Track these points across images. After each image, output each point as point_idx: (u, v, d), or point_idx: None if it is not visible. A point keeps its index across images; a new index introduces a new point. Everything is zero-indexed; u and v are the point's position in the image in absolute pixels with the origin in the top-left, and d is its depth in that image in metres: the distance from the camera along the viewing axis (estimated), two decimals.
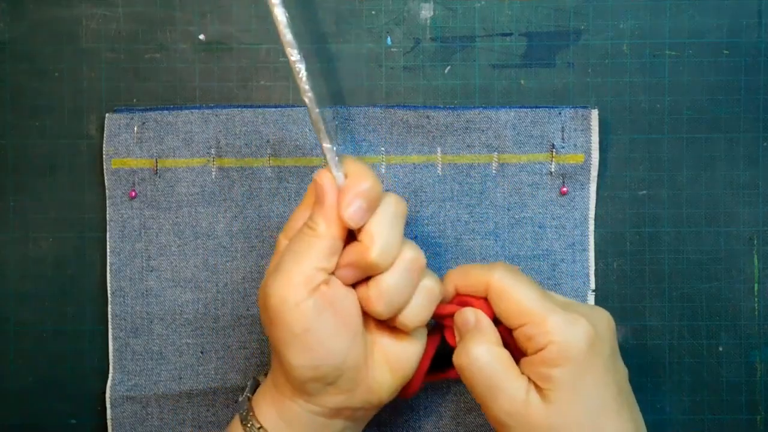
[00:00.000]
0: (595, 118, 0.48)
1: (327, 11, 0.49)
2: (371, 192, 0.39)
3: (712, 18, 0.49)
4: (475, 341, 0.40)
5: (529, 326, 0.39)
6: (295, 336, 0.39)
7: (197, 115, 0.48)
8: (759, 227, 0.49)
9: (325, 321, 0.39)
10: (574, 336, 0.38)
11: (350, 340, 0.40)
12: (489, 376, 0.39)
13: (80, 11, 0.49)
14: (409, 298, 0.40)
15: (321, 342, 0.39)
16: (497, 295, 0.40)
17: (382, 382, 0.42)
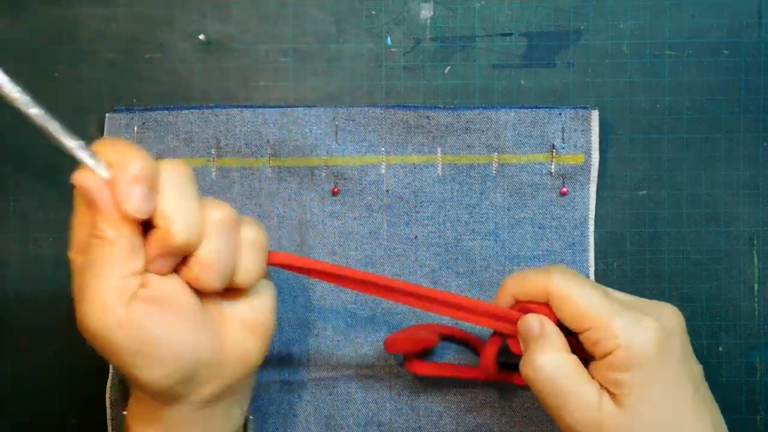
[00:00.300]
0: (596, 119, 0.48)
1: (327, 11, 0.49)
2: (144, 171, 0.34)
3: (712, 18, 0.49)
4: (540, 350, 0.39)
5: (594, 330, 0.38)
6: (133, 355, 0.35)
7: (197, 115, 0.48)
8: (759, 227, 0.49)
9: (158, 324, 0.35)
10: (641, 337, 0.37)
11: (193, 329, 0.37)
12: (558, 385, 0.38)
13: (80, 11, 0.49)
14: (235, 257, 0.37)
15: (163, 347, 0.36)
16: (558, 299, 0.39)
17: (248, 347, 0.39)
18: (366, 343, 0.49)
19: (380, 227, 0.49)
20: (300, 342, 0.49)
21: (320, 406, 0.49)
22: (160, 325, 0.35)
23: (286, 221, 0.49)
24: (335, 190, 0.49)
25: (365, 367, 0.49)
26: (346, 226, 0.49)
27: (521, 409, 0.49)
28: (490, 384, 0.49)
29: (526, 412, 0.49)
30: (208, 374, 0.38)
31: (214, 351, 0.38)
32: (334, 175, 0.48)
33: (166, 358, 0.36)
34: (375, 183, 0.49)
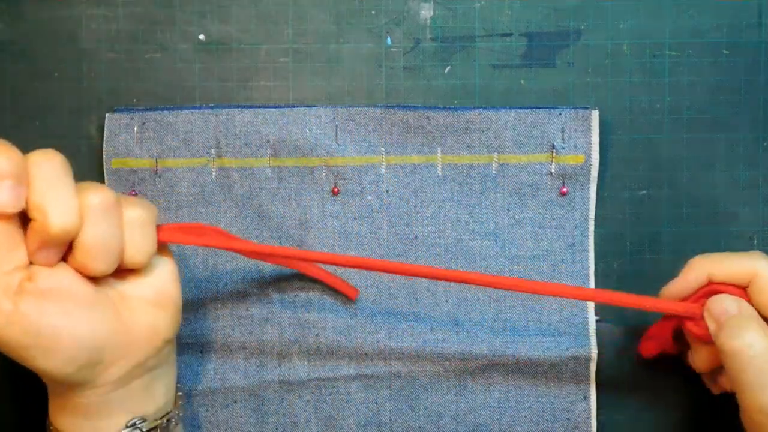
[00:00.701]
0: (596, 119, 0.48)
1: (327, 11, 0.49)
2: (10, 166, 0.34)
3: (712, 18, 0.49)
4: (748, 327, 0.39)
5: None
6: (30, 347, 0.35)
7: (197, 115, 0.48)
8: (759, 227, 0.49)
9: (49, 315, 0.35)
10: None
11: (87, 315, 0.37)
12: (764, 365, 0.38)
13: (80, 11, 0.49)
14: (122, 238, 0.37)
15: (58, 336, 0.36)
16: (764, 285, 0.40)
17: (158, 321, 0.40)
18: (366, 343, 0.49)
19: (380, 227, 0.49)
20: (300, 342, 0.49)
21: (320, 406, 0.49)
22: (51, 315, 0.35)
23: (286, 221, 0.49)
24: (335, 190, 0.49)
25: (365, 367, 0.49)
26: (345, 226, 0.49)
27: (521, 409, 0.49)
28: (490, 384, 0.49)
29: (526, 412, 0.49)
30: (113, 356, 0.38)
31: (117, 332, 0.38)
32: (334, 175, 0.48)
33: (63, 346, 0.36)
34: (375, 183, 0.49)
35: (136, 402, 0.40)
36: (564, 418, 0.49)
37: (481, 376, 0.49)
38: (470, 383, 0.49)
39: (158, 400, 0.42)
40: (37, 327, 0.35)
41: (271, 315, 0.49)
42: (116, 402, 0.39)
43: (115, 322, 0.38)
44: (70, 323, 0.36)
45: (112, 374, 0.38)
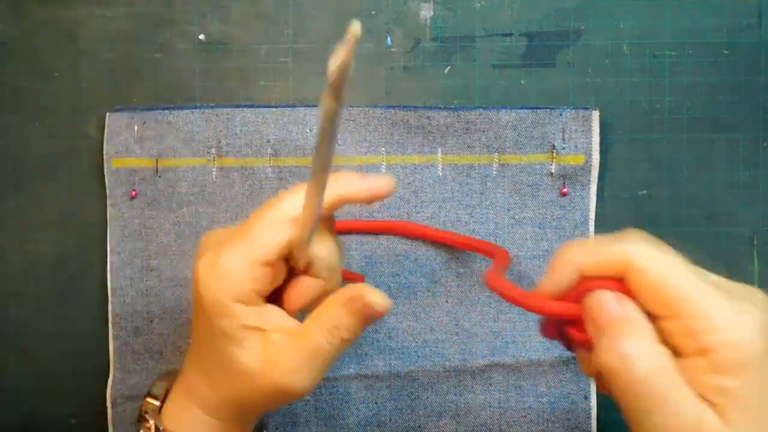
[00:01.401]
0: (596, 120, 0.48)
1: (327, 11, 0.49)
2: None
3: (712, 18, 0.49)
4: (626, 335, 0.30)
5: (686, 318, 0.29)
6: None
7: (197, 114, 0.48)
8: (759, 227, 0.49)
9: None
10: (749, 333, 0.29)
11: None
12: (651, 386, 0.29)
13: (80, 11, 0.49)
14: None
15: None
16: (641, 274, 0.31)
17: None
18: (366, 343, 0.49)
19: None
20: None
21: (320, 406, 0.49)
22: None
23: None
24: None
25: (365, 367, 0.49)
26: None
27: (521, 409, 0.49)
28: (490, 384, 0.49)
29: (526, 412, 0.49)
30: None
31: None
32: None
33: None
34: None
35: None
36: (564, 418, 0.49)
37: (481, 376, 0.49)
38: (470, 383, 0.49)
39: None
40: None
41: None
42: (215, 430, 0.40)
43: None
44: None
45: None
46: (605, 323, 0.31)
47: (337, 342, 0.36)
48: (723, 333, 0.29)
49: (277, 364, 0.36)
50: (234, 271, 0.35)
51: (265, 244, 0.35)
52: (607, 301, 0.31)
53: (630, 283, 0.31)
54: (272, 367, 0.36)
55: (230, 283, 0.35)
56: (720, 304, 0.29)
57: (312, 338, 0.36)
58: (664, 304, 0.30)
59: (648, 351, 0.30)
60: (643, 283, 0.31)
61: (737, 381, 0.29)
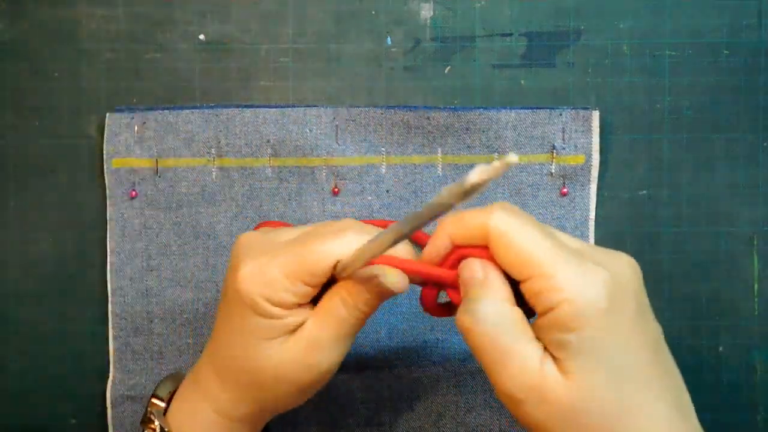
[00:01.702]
0: (596, 120, 0.48)
1: (327, 11, 0.49)
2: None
3: (712, 18, 0.49)
4: (480, 299, 0.33)
5: (536, 279, 0.32)
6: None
7: (197, 115, 0.48)
8: (759, 227, 0.49)
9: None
10: (590, 292, 0.31)
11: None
12: (497, 340, 0.32)
13: (80, 11, 0.49)
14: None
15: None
16: (497, 240, 0.33)
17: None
18: (366, 343, 0.49)
19: None
20: None
21: (320, 406, 0.49)
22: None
23: (286, 221, 0.49)
24: (335, 190, 0.49)
25: (365, 367, 0.49)
26: None
27: None
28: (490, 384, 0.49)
29: None
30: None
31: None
32: (335, 175, 0.48)
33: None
34: (375, 183, 0.49)
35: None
36: None
37: (481, 376, 0.49)
38: (470, 383, 0.49)
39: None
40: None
41: None
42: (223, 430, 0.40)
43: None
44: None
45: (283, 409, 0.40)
46: (469, 287, 0.34)
47: (359, 315, 0.37)
48: (563, 292, 0.31)
49: (306, 342, 0.37)
50: (281, 284, 0.36)
51: (316, 270, 0.36)
52: (472, 266, 0.34)
53: (491, 250, 0.33)
54: (302, 346, 0.37)
55: (274, 293, 0.36)
56: (566, 266, 0.32)
57: (335, 312, 0.37)
58: (519, 268, 0.32)
59: (495, 310, 0.33)
60: (501, 249, 0.33)
61: (574, 335, 0.31)
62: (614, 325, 0.32)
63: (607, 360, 0.32)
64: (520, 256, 0.32)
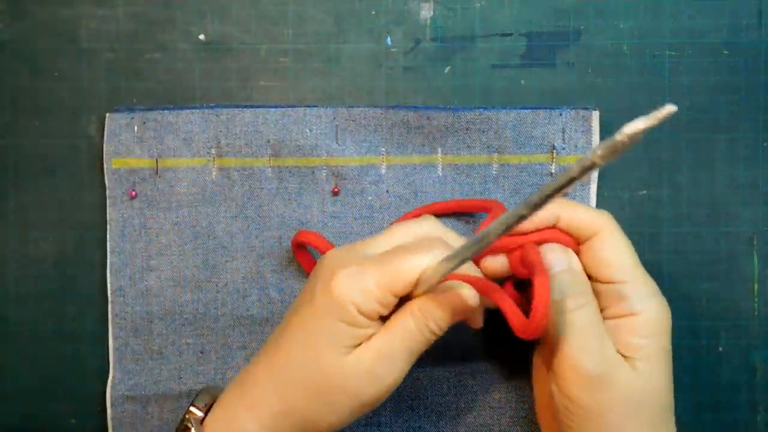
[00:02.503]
0: (596, 120, 0.48)
1: (327, 11, 0.49)
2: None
3: (712, 18, 0.49)
4: (573, 297, 0.38)
5: (629, 285, 0.38)
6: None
7: (197, 115, 0.48)
8: (759, 227, 0.49)
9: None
10: (662, 311, 0.38)
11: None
12: (586, 325, 0.38)
13: (80, 11, 0.49)
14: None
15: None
16: (603, 243, 0.39)
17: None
18: None
19: (381, 227, 0.49)
20: None
21: None
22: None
23: (286, 221, 0.49)
24: (335, 191, 0.49)
25: None
26: (346, 226, 0.49)
27: (521, 410, 0.49)
28: (490, 384, 0.49)
29: (526, 412, 0.49)
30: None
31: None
32: (335, 175, 0.48)
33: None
34: (375, 183, 0.49)
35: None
36: None
37: (482, 376, 0.49)
38: (470, 383, 0.49)
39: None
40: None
41: (271, 315, 0.49)
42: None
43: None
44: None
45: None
46: (555, 274, 0.39)
47: (427, 332, 0.38)
48: (648, 305, 0.38)
49: (374, 353, 0.38)
50: (373, 294, 0.37)
51: (403, 282, 0.37)
52: (557, 254, 0.40)
53: (587, 248, 0.40)
54: (369, 357, 0.38)
55: (367, 302, 0.37)
56: (650, 286, 0.39)
57: (406, 326, 0.38)
58: (615, 269, 0.39)
59: (586, 302, 0.38)
60: (600, 250, 0.39)
61: (648, 341, 0.38)
62: (667, 345, 0.39)
63: (666, 369, 0.39)
64: (618, 262, 0.39)
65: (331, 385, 0.38)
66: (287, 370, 0.39)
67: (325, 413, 0.39)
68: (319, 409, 0.39)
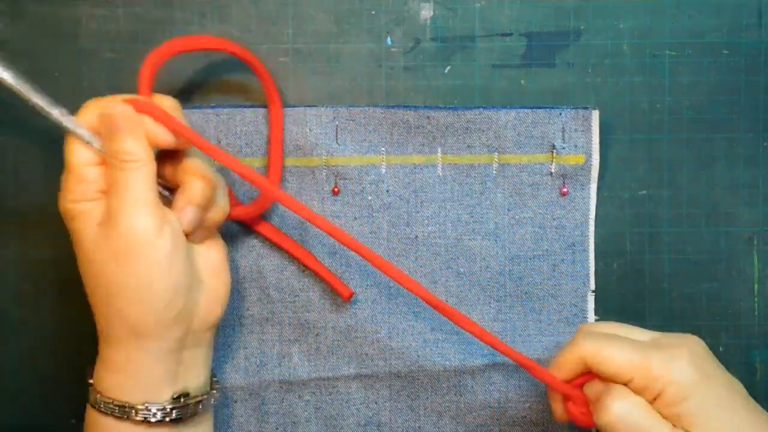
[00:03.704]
0: (596, 119, 0.48)
1: (327, 11, 0.49)
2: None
3: (712, 18, 0.49)
4: (616, 396, 0.40)
5: (638, 379, 0.40)
6: (161, 273, 0.40)
7: (198, 114, 0.48)
8: (759, 227, 0.49)
9: (179, 250, 0.41)
10: (681, 368, 0.40)
11: (190, 263, 0.42)
12: (637, 425, 0.40)
13: (80, 11, 0.49)
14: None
15: (181, 274, 0.41)
16: (594, 364, 0.41)
17: (218, 292, 0.44)
18: (366, 342, 0.49)
19: (381, 227, 0.49)
20: (300, 342, 0.49)
21: (320, 406, 0.49)
22: (180, 251, 0.41)
23: (286, 221, 0.49)
24: (335, 190, 0.49)
25: (365, 367, 0.49)
26: (346, 226, 0.49)
27: (521, 410, 0.49)
28: (490, 384, 0.49)
29: (526, 412, 0.49)
30: (187, 312, 0.42)
31: (196, 289, 0.42)
32: (335, 175, 0.48)
33: (179, 286, 0.41)
34: (375, 183, 0.49)
35: (181, 374, 0.43)
36: None
37: (481, 376, 0.49)
38: (470, 383, 0.49)
39: (200, 377, 0.44)
40: (170, 259, 0.40)
41: (271, 315, 0.49)
42: (165, 369, 0.42)
43: (196, 279, 0.42)
44: (186, 266, 0.41)
45: (173, 332, 0.41)
46: (596, 395, 0.42)
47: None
48: (663, 379, 0.39)
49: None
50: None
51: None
52: (596, 386, 0.42)
53: (592, 369, 0.41)
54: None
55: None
56: (656, 360, 0.40)
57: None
58: (620, 376, 0.40)
59: (629, 402, 0.40)
60: (599, 368, 0.41)
61: (686, 404, 0.39)
62: (709, 386, 0.40)
63: (716, 413, 0.40)
64: (617, 367, 0.40)
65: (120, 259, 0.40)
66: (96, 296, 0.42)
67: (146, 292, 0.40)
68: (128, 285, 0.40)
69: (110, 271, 0.40)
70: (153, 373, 0.41)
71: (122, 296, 0.40)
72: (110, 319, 0.41)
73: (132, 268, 0.39)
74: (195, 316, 0.42)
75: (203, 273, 0.43)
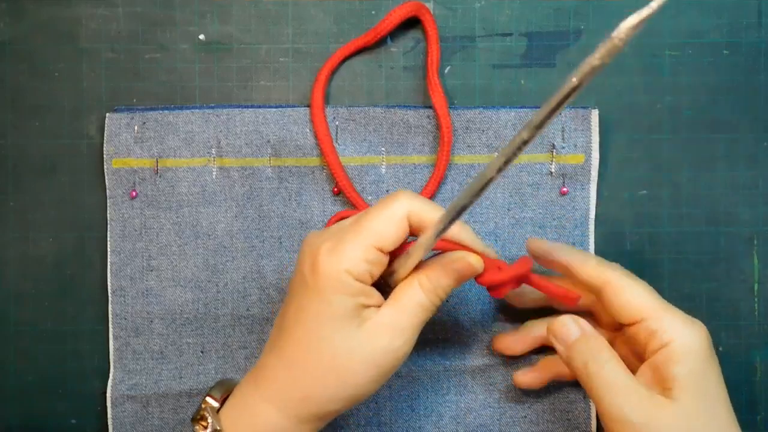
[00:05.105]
0: (596, 119, 0.48)
1: (327, 11, 0.49)
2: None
3: (712, 18, 0.49)
4: (595, 359, 0.39)
5: (650, 322, 0.39)
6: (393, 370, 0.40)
7: (198, 115, 0.49)
8: (759, 227, 0.49)
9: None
10: (695, 334, 0.39)
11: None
12: (616, 391, 0.38)
13: (80, 11, 0.49)
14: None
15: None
16: (617, 290, 0.40)
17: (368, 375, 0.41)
18: None
19: None
20: None
21: None
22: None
23: (286, 221, 0.49)
24: (335, 190, 0.49)
25: None
26: None
27: (521, 410, 0.49)
28: (490, 384, 0.49)
29: (526, 412, 0.49)
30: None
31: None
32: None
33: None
34: (375, 183, 0.49)
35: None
36: (564, 419, 0.49)
37: (481, 376, 0.49)
38: (470, 383, 0.49)
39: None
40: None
41: (272, 315, 0.49)
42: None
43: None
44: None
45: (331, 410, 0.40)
46: (573, 343, 0.41)
47: (435, 299, 0.40)
48: (675, 332, 0.39)
49: (387, 327, 0.39)
50: (356, 255, 0.38)
51: (381, 232, 0.38)
52: (568, 328, 0.41)
53: (606, 295, 0.41)
54: (383, 330, 0.39)
55: (354, 265, 0.38)
56: (677, 316, 0.40)
57: (413, 297, 0.39)
58: (631, 313, 0.40)
59: (612, 370, 0.39)
60: (616, 296, 0.41)
61: (685, 368, 0.38)
62: (709, 371, 0.39)
63: (709, 394, 0.39)
64: (635, 303, 0.40)
65: (348, 359, 0.38)
66: (297, 357, 0.39)
67: (343, 390, 0.39)
68: (337, 388, 0.39)
69: (344, 364, 0.38)
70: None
71: (336, 386, 0.39)
72: (307, 401, 0.39)
73: (371, 373, 0.39)
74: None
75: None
